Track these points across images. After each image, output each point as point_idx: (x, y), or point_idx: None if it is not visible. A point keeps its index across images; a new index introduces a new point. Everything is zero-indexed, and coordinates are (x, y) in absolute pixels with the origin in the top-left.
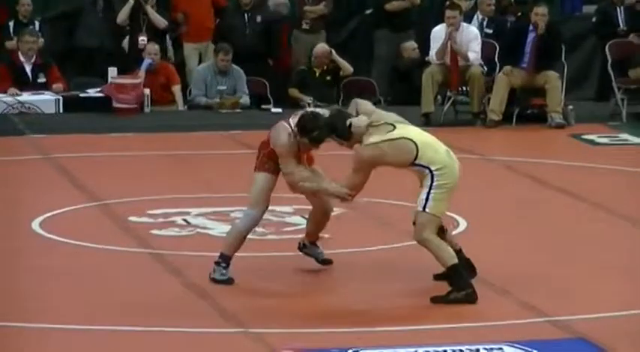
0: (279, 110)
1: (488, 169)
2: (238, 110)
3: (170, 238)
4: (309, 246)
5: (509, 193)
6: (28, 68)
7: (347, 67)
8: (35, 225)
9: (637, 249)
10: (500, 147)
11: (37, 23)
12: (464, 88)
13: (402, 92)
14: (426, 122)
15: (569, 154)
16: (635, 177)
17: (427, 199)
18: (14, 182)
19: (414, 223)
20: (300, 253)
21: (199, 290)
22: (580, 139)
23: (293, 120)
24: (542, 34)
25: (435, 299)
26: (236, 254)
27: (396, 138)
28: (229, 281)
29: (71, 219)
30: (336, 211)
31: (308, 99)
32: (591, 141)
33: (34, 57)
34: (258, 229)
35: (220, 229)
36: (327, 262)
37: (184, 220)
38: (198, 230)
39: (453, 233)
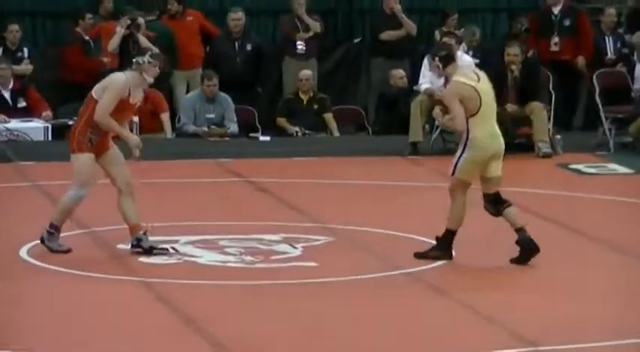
0: (267, 138)
1: (474, 198)
2: (226, 138)
3: (158, 266)
4: (143, 238)
5: (496, 222)
6: (6, 95)
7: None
8: (23, 252)
9: (633, 278)
10: None
11: (25, 50)
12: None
13: (388, 120)
14: (414, 151)
15: (555, 184)
16: (623, 207)
17: None
18: (2, 209)
19: None
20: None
21: (186, 317)
22: (567, 169)
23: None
24: (519, 74)
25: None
26: (224, 281)
27: None
28: (69, 251)
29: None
30: (321, 240)
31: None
32: (578, 171)
33: (11, 83)
34: (247, 258)
35: (208, 257)
36: (165, 250)
37: (172, 248)
38: (186, 258)
39: (442, 262)
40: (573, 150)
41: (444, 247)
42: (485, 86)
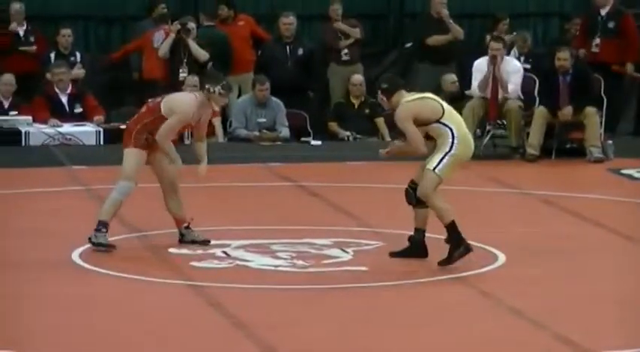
0: (319, 143)
1: (526, 203)
2: (278, 142)
3: (209, 270)
4: (185, 232)
5: (547, 227)
6: (64, 99)
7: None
8: (75, 255)
9: None
10: (538, 181)
11: (78, 54)
12: (503, 122)
13: None
14: None
15: (607, 189)
16: None
17: None
18: (54, 213)
19: None
20: (187, 243)
21: (237, 322)
22: (619, 174)
23: (198, 93)
24: (571, 77)
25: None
26: (275, 286)
27: None
28: (113, 247)
29: (111, 250)
30: (373, 244)
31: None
32: (630, 176)
33: (69, 87)
34: (298, 262)
35: (259, 261)
36: (206, 242)
37: (224, 252)
38: (238, 262)
39: (491, 267)
40: (624, 156)
41: (457, 241)
42: (434, 96)
